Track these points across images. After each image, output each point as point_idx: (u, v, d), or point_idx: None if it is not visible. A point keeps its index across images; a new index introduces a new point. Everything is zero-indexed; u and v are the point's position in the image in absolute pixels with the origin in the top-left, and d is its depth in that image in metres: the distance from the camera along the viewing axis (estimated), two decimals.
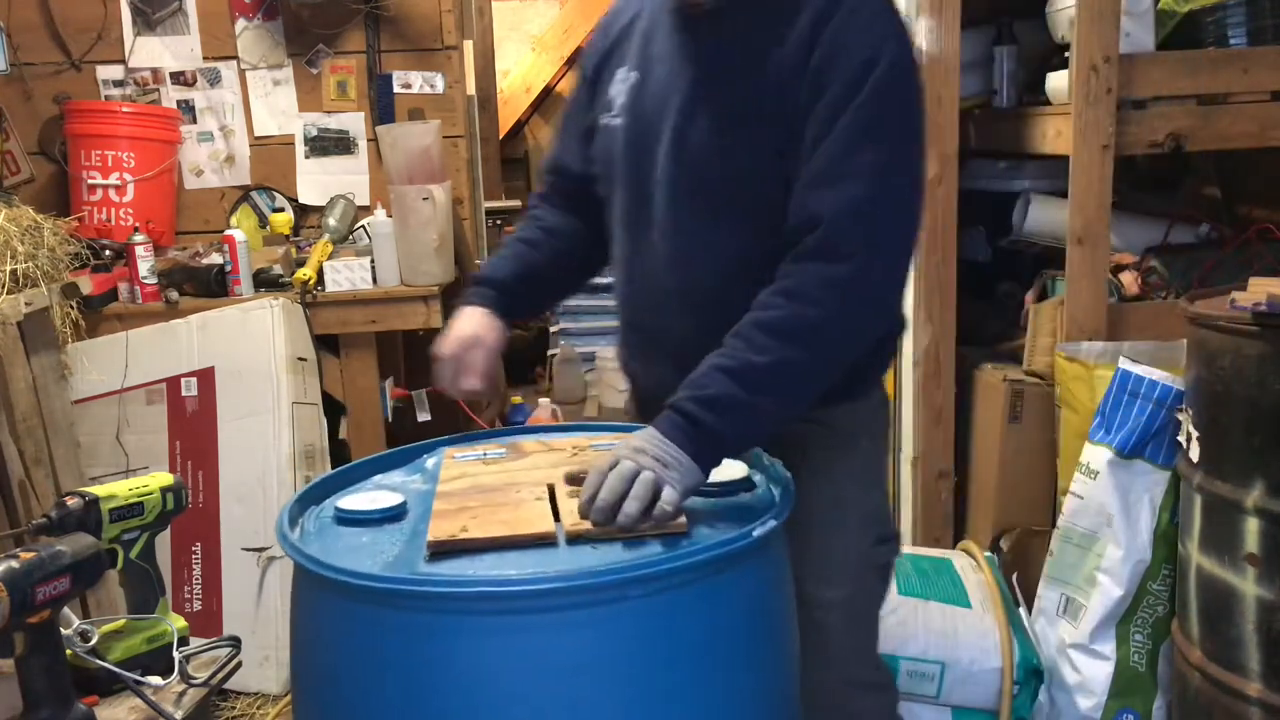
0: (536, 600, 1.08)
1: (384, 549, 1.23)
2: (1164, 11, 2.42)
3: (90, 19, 3.38)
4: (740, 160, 1.42)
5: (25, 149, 3.41)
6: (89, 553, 1.38)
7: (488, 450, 1.52)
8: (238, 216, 3.50)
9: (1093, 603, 2.18)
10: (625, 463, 1.23)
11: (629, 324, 1.63)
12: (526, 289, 1.66)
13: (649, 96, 1.50)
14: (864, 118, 1.34)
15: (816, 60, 1.36)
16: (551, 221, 1.70)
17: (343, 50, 3.45)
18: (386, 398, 3.17)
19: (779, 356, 1.30)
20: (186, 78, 3.46)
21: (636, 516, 1.19)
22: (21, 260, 2.57)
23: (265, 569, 2.80)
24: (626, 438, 1.33)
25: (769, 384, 1.30)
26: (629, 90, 1.52)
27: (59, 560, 1.33)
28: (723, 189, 1.44)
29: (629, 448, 1.26)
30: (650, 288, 1.54)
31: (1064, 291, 2.42)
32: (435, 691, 1.11)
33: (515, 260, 1.68)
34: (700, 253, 1.47)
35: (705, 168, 1.44)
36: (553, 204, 1.72)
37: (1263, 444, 1.82)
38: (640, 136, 1.50)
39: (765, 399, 1.31)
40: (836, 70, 1.35)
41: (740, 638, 1.19)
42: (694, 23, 1.47)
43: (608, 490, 1.21)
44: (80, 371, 2.85)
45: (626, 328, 1.65)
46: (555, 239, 1.69)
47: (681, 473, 1.24)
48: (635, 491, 1.20)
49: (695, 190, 1.45)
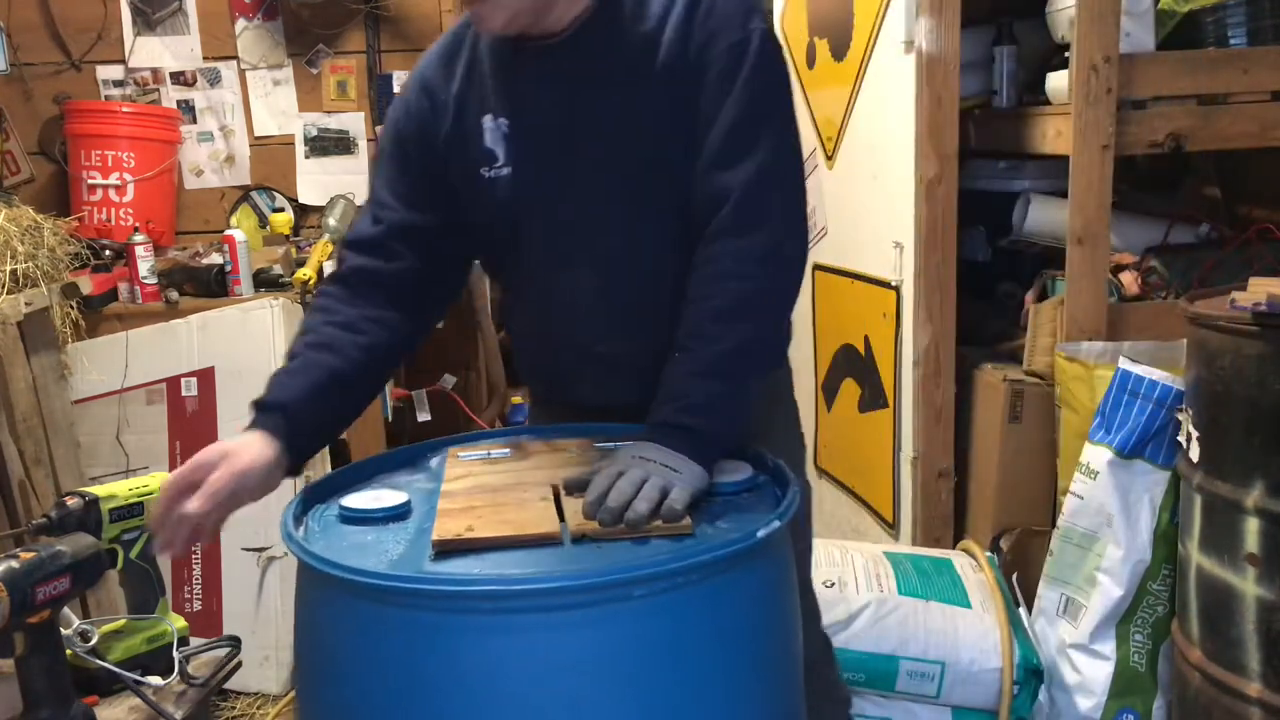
0: (541, 600, 1.08)
1: (389, 548, 1.23)
2: (1164, 11, 2.42)
3: (90, 19, 3.39)
4: (649, 169, 1.44)
5: (25, 149, 3.42)
6: (89, 553, 1.38)
7: (492, 450, 1.52)
8: (238, 216, 3.51)
9: (1093, 603, 2.18)
10: (634, 470, 1.25)
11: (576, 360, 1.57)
12: (325, 407, 1.42)
13: (533, 137, 1.46)
14: (750, 95, 1.39)
15: (693, 53, 1.40)
16: (348, 315, 1.47)
17: (343, 50, 3.46)
18: (386, 398, 3.17)
19: (737, 338, 1.35)
20: (186, 78, 3.46)
21: (645, 516, 1.20)
22: (21, 260, 2.58)
23: (265, 569, 2.80)
24: (627, 442, 1.34)
25: (740, 366, 1.36)
26: (505, 138, 1.47)
27: (59, 560, 1.33)
28: (643, 200, 1.46)
29: (634, 456, 1.28)
30: (591, 318, 1.52)
31: (1064, 291, 2.42)
32: (439, 691, 1.11)
33: (307, 372, 1.42)
34: (643, 269, 1.49)
35: (620, 187, 1.45)
36: (354, 288, 1.49)
37: (1263, 444, 1.82)
38: (537, 178, 1.47)
39: (742, 381, 1.37)
40: (714, 56, 1.39)
41: (745, 638, 1.19)
42: (552, 52, 1.45)
43: (617, 494, 1.22)
44: (80, 371, 2.86)
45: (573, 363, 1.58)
46: (358, 333, 1.46)
47: (688, 476, 1.27)
48: (644, 493, 1.22)
49: (617, 212, 1.47)
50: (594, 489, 1.25)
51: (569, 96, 1.45)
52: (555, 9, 1.42)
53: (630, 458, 1.28)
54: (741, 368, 1.37)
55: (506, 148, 1.47)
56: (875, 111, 2.75)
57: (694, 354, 1.35)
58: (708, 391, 1.33)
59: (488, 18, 1.40)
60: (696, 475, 1.28)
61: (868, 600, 2.22)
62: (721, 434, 1.34)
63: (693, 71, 1.40)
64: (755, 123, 1.40)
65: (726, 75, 1.39)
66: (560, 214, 1.48)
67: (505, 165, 1.48)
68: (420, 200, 1.52)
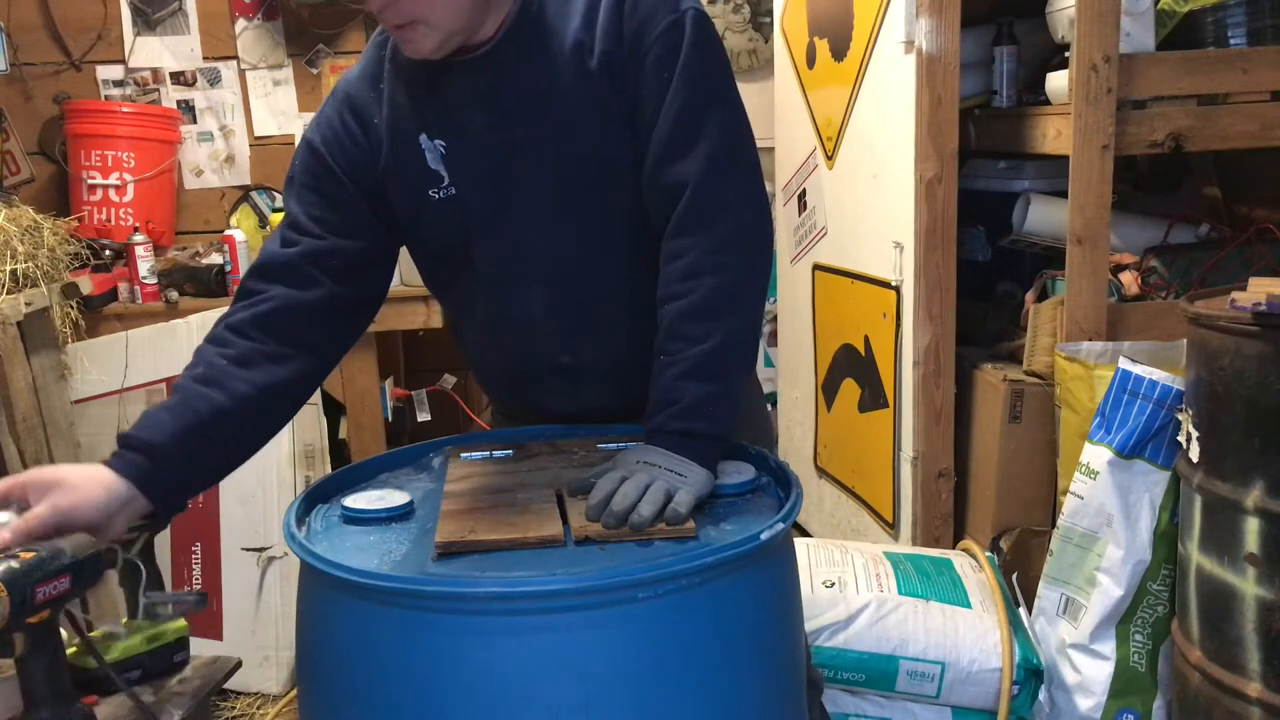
0: (544, 602, 1.08)
1: (391, 548, 1.23)
2: (1164, 11, 2.42)
3: (90, 19, 3.39)
4: (595, 174, 1.40)
5: (25, 149, 3.41)
6: (89, 553, 1.38)
7: (494, 450, 1.52)
8: (238, 216, 3.50)
9: (1093, 603, 2.18)
10: (639, 474, 1.25)
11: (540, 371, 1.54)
12: (201, 450, 1.29)
13: (473, 156, 1.41)
14: (690, 79, 1.34)
15: (627, 44, 1.35)
16: (243, 348, 1.34)
17: (343, 50, 3.46)
18: (386, 397, 3.17)
19: (721, 334, 1.32)
20: (186, 78, 3.46)
21: (649, 520, 1.20)
22: (21, 260, 2.58)
23: (265, 569, 2.80)
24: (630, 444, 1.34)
25: (727, 362, 1.33)
26: (444, 158, 1.41)
27: (59, 560, 1.32)
28: (592, 206, 1.42)
29: (639, 461, 1.27)
30: (550, 330, 1.49)
31: (1064, 291, 2.43)
32: (442, 692, 1.11)
33: (185, 410, 1.28)
34: (601, 274, 1.46)
35: (566, 197, 1.41)
36: (260, 317, 1.36)
37: (1263, 444, 1.82)
38: (482, 197, 1.42)
39: (732, 376, 1.34)
40: (648, 45, 1.35)
41: (748, 639, 1.19)
42: (478, 66, 1.39)
43: (621, 497, 1.22)
44: (80, 371, 2.86)
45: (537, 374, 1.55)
46: (253, 368, 1.33)
47: (693, 480, 1.26)
48: (649, 497, 1.22)
49: (566, 223, 1.43)
50: (598, 492, 1.24)
51: (501, 115, 1.40)
52: (484, 25, 1.38)
53: (635, 462, 1.27)
54: (728, 364, 1.34)
55: (448, 167, 1.42)
56: (875, 111, 2.75)
57: (679, 356, 1.32)
58: (699, 393, 1.30)
59: (418, 43, 1.33)
60: (701, 479, 1.28)
61: (867, 600, 2.22)
62: (719, 433, 1.32)
63: (627, 64, 1.36)
64: (700, 108, 1.35)
65: (663, 62, 1.35)
66: (509, 231, 1.44)
67: (450, 185, 1.42)
68: (345, 227, 1.42)
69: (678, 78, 1.35)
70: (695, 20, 1.36)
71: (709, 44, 1.38)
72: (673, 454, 1.28)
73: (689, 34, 1.35)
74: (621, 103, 1.38)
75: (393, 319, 3.04)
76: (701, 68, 1.36)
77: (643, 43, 1.35)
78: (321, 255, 1.40)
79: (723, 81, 1.40)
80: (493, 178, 1.42)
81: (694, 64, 1.35)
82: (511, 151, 1.40)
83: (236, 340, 1.34)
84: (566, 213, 1.43)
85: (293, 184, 1.45)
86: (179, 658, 1.59)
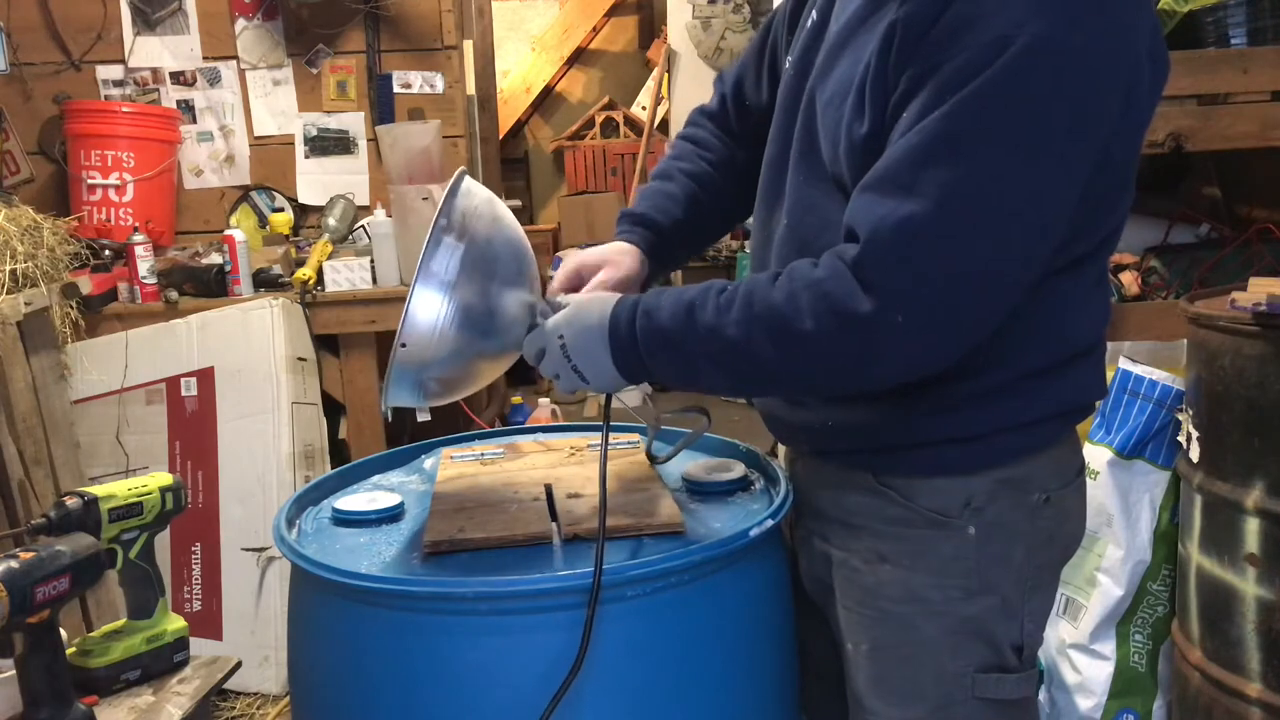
0: (533, 601, 1.08)
1: (381, 550, 1.23)
2: (1164, 11, 2.41)
3: (90, 19, 3.39)
4: (847, 132, 1.14)
5: (25, 149, 3.42)
6: (88, 553, 1.38)
7: (485, 451, 1.52)
8: (237, 216, 3.50)
9: (1093, 603, 2.18)
10: (552, 359, 1.21)
11: None
12: (684, 238, 1.44)
13: (811, 46, 1.25)
14: (959, 118, 1.01)
15: (939, 27, 1.03)
16: (717, 154, 1.47)
17: (343, 50, 3.45)
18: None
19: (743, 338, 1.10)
20: (186, 77, 3.46)
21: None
22: (21, 260, 2.58)
23: (265, 569, 2.80)
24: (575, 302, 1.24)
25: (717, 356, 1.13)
26: (803, 35, 1.28)
27: (58, 560, 1.33)
28: (833, 160, 1.18)
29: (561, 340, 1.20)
30: None
31: None
32: (432, 692, 1.11)
33: (682, 203, 1.44)
34: (816, 232, 1.20)
35: (821, 135, 1.20)
36: (719, 126, 1.49)
37: (1263, 444, 1.82)
38: (794, 91, 1.27)
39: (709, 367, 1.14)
40: (952, 46, 1.02)
41: (737, 638, 1.19)
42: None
43: (530, 345, 1.24)
44: (80, 371, 2.86)
45: None
46: (721, 175, 1.46)
47: (593, 377, 1.20)
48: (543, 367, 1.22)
49: (813, 157, 1.21)
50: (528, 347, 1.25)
51: (841, 19, 1.19)
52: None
53: (559, 337, 1.20)
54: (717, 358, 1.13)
55: (798, 45, 1.28)
56: None
57: (714, 306, 1.12)
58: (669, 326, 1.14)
59: None
60: (603, 380, 1.20)
61: None
62: (649, 369, 1.17)
63: (927, 47, 1.04)
64: (940, 159, 1.02)
65: (950, 81, 1.02)
66: (788, 144, 1.28)
67: (791, 64, 1.30)
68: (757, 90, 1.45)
69: (950, 106, 1.04)
70: (1030, 45, 1.01)
71: (1027, 84, 1.03)
72: (599, 340, 1.17)
73: (1006, 61, 1.02)
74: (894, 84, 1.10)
75: (393, 319, 3.03)
76: (984, 111, 1.04)
77: (953, 39, 1.05)
78: (749, 83, 1.47)
79: (1003, 142, 1.05)
80: (805, 73, 1.26)
81: (980, 101, 1.04)
82: (818, 59, 1.23)
83: (708, 141, 1.49)
84: (813, 153, 1.24)
85: None
86: (179, 658, 1.59)
